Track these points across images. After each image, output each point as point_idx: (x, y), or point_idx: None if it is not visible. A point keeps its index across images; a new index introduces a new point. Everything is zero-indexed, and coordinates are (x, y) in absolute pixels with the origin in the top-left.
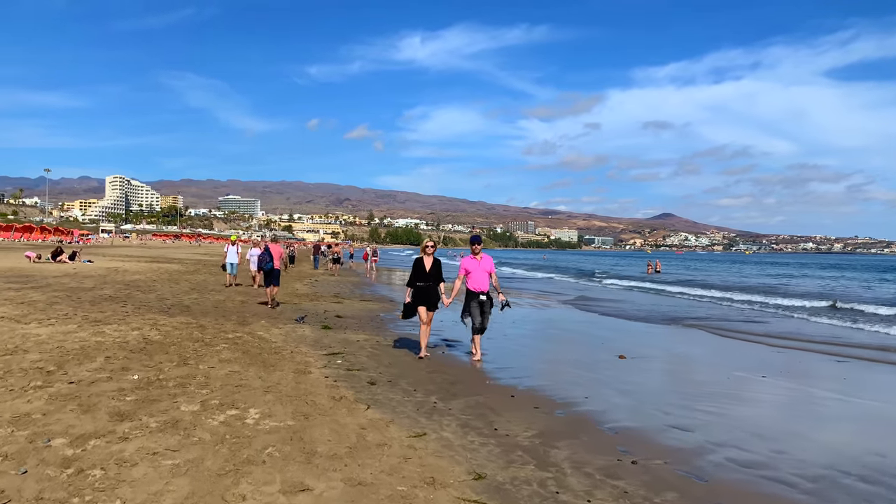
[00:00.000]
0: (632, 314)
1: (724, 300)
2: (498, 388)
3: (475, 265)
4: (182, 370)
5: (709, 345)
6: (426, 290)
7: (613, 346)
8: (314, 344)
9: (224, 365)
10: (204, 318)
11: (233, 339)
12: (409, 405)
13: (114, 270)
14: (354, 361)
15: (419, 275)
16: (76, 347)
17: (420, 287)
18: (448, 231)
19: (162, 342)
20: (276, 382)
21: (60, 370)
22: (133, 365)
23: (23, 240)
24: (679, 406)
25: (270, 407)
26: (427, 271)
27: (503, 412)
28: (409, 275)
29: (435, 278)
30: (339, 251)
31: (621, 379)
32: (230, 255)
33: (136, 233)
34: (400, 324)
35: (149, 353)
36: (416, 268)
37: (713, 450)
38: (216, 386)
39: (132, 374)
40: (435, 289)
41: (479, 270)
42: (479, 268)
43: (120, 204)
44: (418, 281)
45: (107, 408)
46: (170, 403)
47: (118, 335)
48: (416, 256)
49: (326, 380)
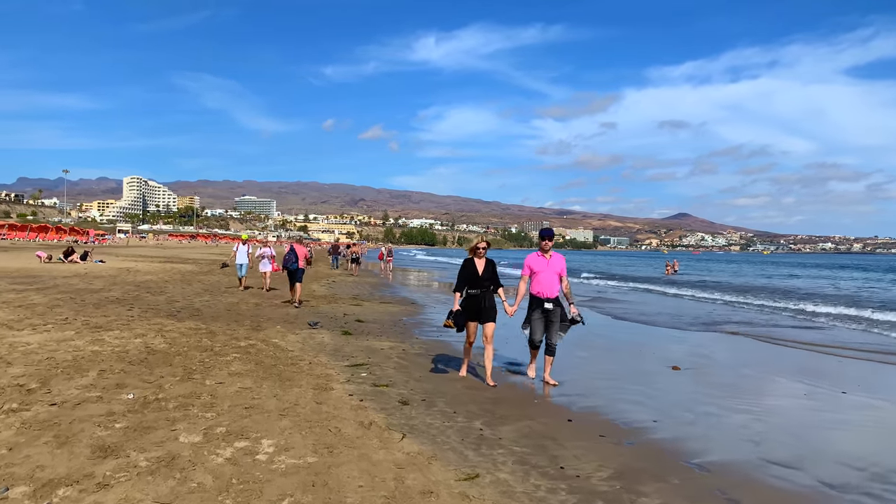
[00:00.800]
0: (661, 319)
1: (755, 305)
2: (549, 408)
3: (543, 264)
4: (185, 387)
5: (762, 354)
6: (479, 298)
7: (657, 354)
8: (334, 353)
9: (234, 379)
10: (215, 323)
11: (245, 348)
12: (451, 433)
13: (125, 271)
14: (381, 375)
15: (470, 279)
16: (68, 359)
17: (472, 295)
18: (462, 231)
19: (166, 351)
20: (294, 402)
21: (44, 388)
22: (130, 380)
23: (38, 240)
24: (764, 432)
25: (287, 437)
26: (479, 274)
27: (565, 442)
28: (457, 279)
29: (491, 283)
30: (358, 251)
31: (685, 396)
32: (240, 255)
33: (153, 233)
34: (426, 330)
35: (150, 365)
36: (466, 270)
37: (835, 496)
38: (224, 407)
39: (127, 393)
40: (491, 296)
41: (548, 271)
42: (547, 268)
43: (137, 204)
44: (469, 287)
45: (89, 439)
46: (167, 432)
47: (118, 343)
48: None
49: (351, 398)
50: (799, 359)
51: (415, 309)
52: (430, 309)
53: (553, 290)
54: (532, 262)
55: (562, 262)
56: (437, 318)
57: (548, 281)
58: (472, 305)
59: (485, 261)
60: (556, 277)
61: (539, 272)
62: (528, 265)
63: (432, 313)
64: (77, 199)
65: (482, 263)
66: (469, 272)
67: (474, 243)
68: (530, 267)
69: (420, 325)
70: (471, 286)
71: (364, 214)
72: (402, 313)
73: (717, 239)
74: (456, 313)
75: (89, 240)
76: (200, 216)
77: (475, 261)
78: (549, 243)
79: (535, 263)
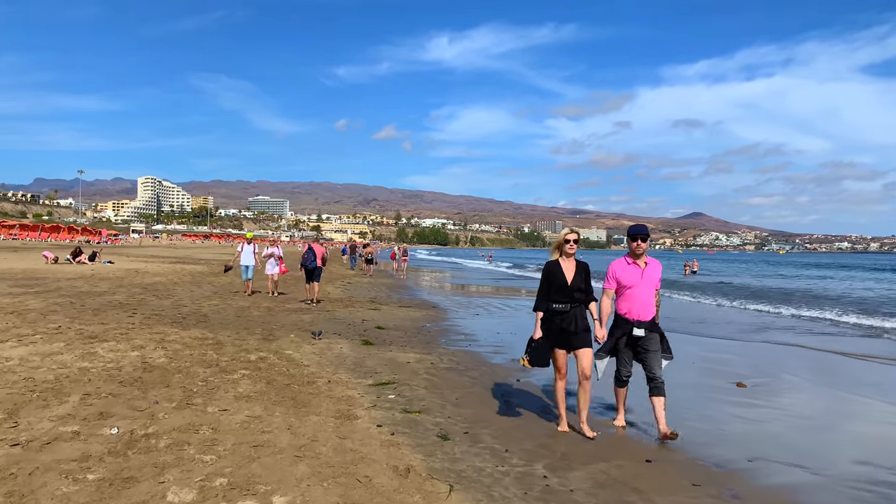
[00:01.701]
0: (701, 327)
1: (790, 314)
2: (619, 443)
3: (636, 276)
4: (183, 416)
5: (829, 367)
6: (569, 316)
7: (713, 368)
8: (355, 368)
9: (241, 405)
10: (223, 332)
11: (255, 363)
12: (508, 482)
13: (133, 272)
14: (411, 397)
15: (556, 289)
16: (49, 379)
17: (558, 312)
18: (475, 231)
19: (165, 368)
20: (312, 437)
21: (10, 419)
22: (117, 408)
23: (49, 240)
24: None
25: (305, 490)
26: (569, 283)
27: (654, 496)
28: (538, 290)
29: (584, 294)
30: (372, 251)
31: (769, 422)
32: (245, 256)
33: (167, 233)
34: (453, 338)
35: (144, 386)
36: (550, 277)
37: None
38: (227, 446)
39: (110, 427)
40: (583, 313)
41: (643, 285)
42: (641, 281)
43: (152, 205)
44: (555, 300)
45: (51, 499)
46: (152, 486)
47: (111, 358)
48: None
49: (380, 431)
50: (871, 372)
51: (436, 313)
52: (452, 314)
53: (648, 310)
54: (620, 271)
55: (658, 270)
56: (462, 325)
57: (642, 298)
58: (560, 327)
59: (574, 263)
60: (652, 293)
61: (630, 286)
62: (615, 276)
63: (456, 318)
64: (92, 199)
65: (572, 266)
66: (555, 279)
67: (562, 236)
68: (618, 279)
69: (445, 332)
70: (557, 298)
71: (376, 214)
72: (423, 318)
73: (732, 238)
74: (537, 344)
75: (101, 240)
76: (214, 216)
77: (561, 263)
78: (642, 245)
79: (625, 274)
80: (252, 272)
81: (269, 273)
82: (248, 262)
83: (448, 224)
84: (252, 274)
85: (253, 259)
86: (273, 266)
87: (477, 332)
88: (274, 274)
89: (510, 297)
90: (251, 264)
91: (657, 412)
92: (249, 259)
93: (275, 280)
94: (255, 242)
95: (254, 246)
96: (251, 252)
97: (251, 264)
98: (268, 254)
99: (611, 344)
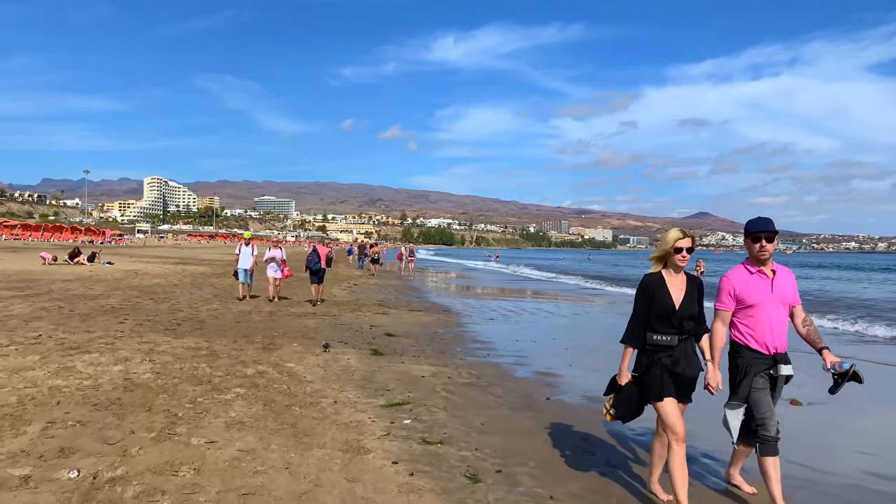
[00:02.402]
0: None
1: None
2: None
3: (763, 289)
4: (161, 451)
5: (879, 380)
6: (676, 354)
7: None
8: (365, 384)
9: (232, 434)
10: (220, 340)
11: (252, 378)
12: None
13: (133, 273)
14: (429, 421)
15: (659, 314)
16: (11, 402)
17: (659, 347)
18: (481, 231)
19: (149, 386)
20: (315, 481)
21: None
22: (84, 440)
23: (52, 240)
24: None
25: None
26: (677, 308)
27: None
28: (632, 314)
29: (694, 324)
30: (379, 251)
31: (848, 454)
32: (243, 258)
33: (172, 233)
34: (470, 346)
35: (122, 409)
36: (651, 297)
37: None
38: (210, 494)
39: (69, 470)
40: (693, 349)
41: (773, 302)
42: (770, 295)
43: (158, 205)
44: (657, 330)
45: None
46: None
47: (90, 374)
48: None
49: (396, 470)
50: None
51: (448, 318)
52: (465, 318)
53: (784, 337)
54: (741, 283)
55: (792, 281)
56: (476, 331)
57: (776, 319)
58: (663, 369)
59: (685, 279)
60: (785, 313)
61: (757, 304)
62: (734, 290)
63: (469, 323)
64: (99, 199)
65: (680, 283)
66: (658, 302)
67: (671, 241)
68: (738, 295)
69: (460, 340)
70: (660, 328)
71: (382, 214)
72: (435, 324)
73: (738, 238)
74: (625, 391)
75: (105, 240)
76: (220, 216)
77: (666, 278)
78: (768, 247)
79: (749, 287)
80: (251, 277)
81: (271, 276)
82: (247, 264)
83: (453, 224)
84: (251, 278)
85: (251, 262)
86: (275, 270)
87: (494, 339)
88: (276, 278)
89: (521, 299)
90: (249, 267)
91: (770, 478)
92: (248, 262)
93: (277, 284)
94: (254, 243)
95: (252, 247)
96: (250, 254)
97: (249, 267)
98: (268, 257)
99: (747, 387)
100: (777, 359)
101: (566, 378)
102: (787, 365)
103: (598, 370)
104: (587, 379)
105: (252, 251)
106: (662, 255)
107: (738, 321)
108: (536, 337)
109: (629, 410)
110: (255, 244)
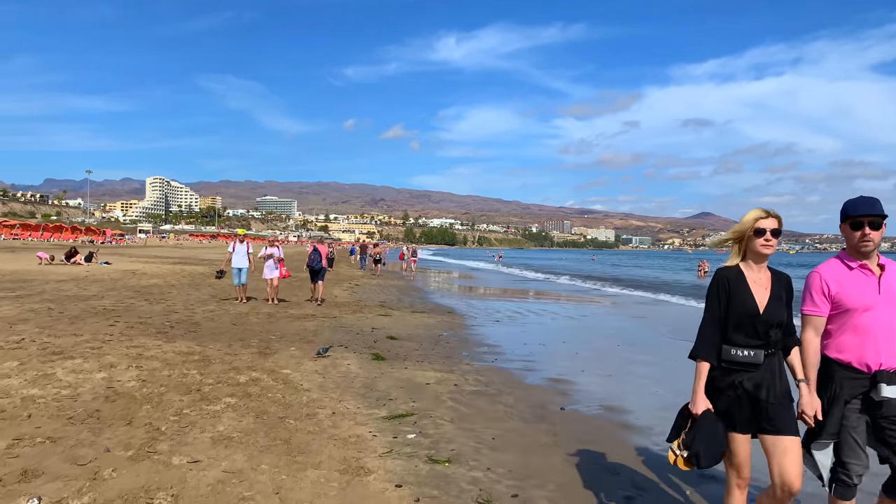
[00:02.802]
0: None
1: None
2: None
3: (869, 288)
4: (137, 473)
5: None
6: (761, 375)
7: None
8: (365, 392)
9: (219, 452)
10: (213, 344)
11: (245, 386)
12: None
13: (130, 273)
14: (436, 436)
15: (738, 320)
16: None
17: (741, 364)
18: (483, 231)
19: (133, 396)
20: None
21: None
22: (51, 460)
23: (52, 240)
24: None
25: None
26: (761, 312)
27: None
28: (702, 319)
29: (783, 334)
30: (381, 251)
31: None
32: (237, 257)
33: (174, 233)
34: (476, 351)
35: (100, 423)
36: (727, 298)
37: None
38: None
39: (27, 498)
40: (783, 369)
41: (883, 304)
42: (880, 297)
43: (160, 205)
44: (736, 343)
45: None
46: None
47: (70, 381)
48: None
49: (400, 496)
50: None
51: (453, 320)
52: (470, 320)
53: (894, 348)
54: (837, 281)
55: None
56: (482, 333)
57: (883, 328)
58: (746, 391)
59: (769, 274)
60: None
61: (859, 308)
62: (828, 290)
63: (475, 326)
64: (101, 199)
65: (765, 280)
66: (738, 303)
67: (751, 221)
68: (835, 296)
69: (465, 343)
70: (740, 339)
71: (384, 214)
72: (439, 326)
73: None
74: (705, 425)
75: (106, 240)
76: (222, 216)
77: (746, 272)
78: (873, 235)
79: (848, 287)
80: (245, 276)
81: (269, 277)
82: (241, 264)
83: (456, 224)
84: (245, 278)
85: (246, 261)
86: (272, 269)
87: (501, 342)
88: (274, 278)
89: (525, 300)
90: (244, 266)
91: None
92: (242, 261)
93: (275, 285)
94: (249, 241)
95: (247, 245)
96: (244, 252)
97: (244, 266)
98: (266, 254)
99: (837, 418)
100: (878, 377)
101: (580, 385)
102: (891, 386)
103: (612, 375)
104: (602, 386)
105: (247, 249)
106: (738, 237)
107: (836, 330)
108: (545, 340)
109: (714, 450)
110: (249, 242)
